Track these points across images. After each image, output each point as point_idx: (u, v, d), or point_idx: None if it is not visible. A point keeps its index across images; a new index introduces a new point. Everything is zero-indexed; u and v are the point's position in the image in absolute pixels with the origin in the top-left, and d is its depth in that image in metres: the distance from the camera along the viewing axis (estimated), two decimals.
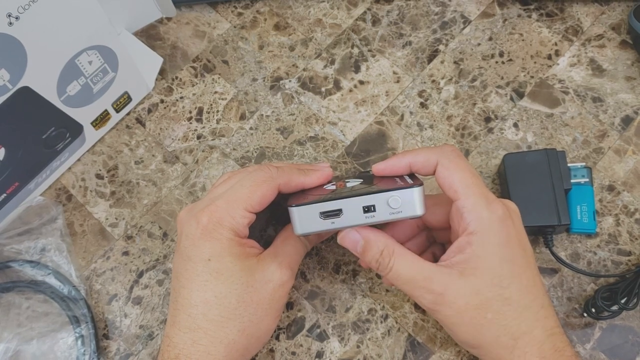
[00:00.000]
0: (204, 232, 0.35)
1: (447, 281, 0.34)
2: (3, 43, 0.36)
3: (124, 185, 0.48)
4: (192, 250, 0.36)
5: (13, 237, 0.45)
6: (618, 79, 0.48)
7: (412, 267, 0.35)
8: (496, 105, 0.48)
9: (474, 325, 0.34)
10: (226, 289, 0.35)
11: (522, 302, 0.34)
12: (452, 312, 0.34)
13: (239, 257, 0.36)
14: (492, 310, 0.33)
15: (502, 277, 0.33)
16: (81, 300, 0.43)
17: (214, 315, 0.35)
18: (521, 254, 0.34)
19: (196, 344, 0.34)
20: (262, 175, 0.37)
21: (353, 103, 0.49)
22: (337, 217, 0.35)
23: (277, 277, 0.37)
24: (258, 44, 0.52)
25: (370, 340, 0.42)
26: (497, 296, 0.33)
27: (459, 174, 0.34)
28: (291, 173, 0.38)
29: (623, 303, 0.40)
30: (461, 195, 0.34)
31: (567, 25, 0.51)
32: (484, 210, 0.33)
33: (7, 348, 0.42)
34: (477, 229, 0.33)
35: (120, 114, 0.49)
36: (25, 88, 0.39)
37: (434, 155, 0.36)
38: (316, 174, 0.39)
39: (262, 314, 0.36)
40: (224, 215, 0.36)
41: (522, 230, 0.35)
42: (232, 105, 0.50)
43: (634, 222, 0.44)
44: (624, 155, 0.46)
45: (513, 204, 0.36)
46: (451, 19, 0.52)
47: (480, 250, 0.33)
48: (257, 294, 0.36)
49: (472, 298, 0.33)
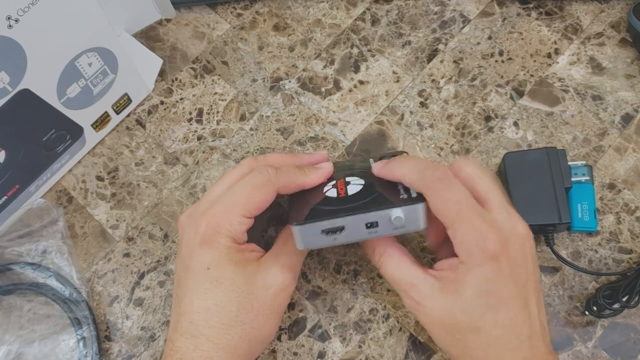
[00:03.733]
0: (203, 240, 0.35)
1: (427, 292, 0.34)
2: (3, 46, 0.36)
3: (124, 187, 0.48)
4: (191, 259, 0.36)
5: (14, 240, 0.45)
6: (618, 77, 0.48)
7: (398, 270, 0.36)
8: (496, 104, 0.48)
9: (444, 339, 0.35)
10: (226, 297, 0.35)
11: (493, 334, 0.33)
12: (426, 320, 0.35)
13: (238, 265, 0.35)
14: (460, 333, 0.33)
15: (477, 307, 0.33)
16: (82, 302, 0.43)
17: (215, 323, 0.35)
18: (509, 286, 0.33)
19: (198, 349, 0.34)
20: (261, 179, 0.36)
21: (353, 103, 0.49)
22: (340, 233, 0.35)
23: (279, 282, 0.36)
24: (257, 44, 0.52)
25: (372, 340, 0.42)
26: (467, 323, 0.33)
27: (444, 206, 0.33)
28: (290, 174, 0.38)
29: (624, 301, 0.40)
30: (449, 227, 0.33)
31: (567, 24, 0.51)
32: (472, 247, 0.33)
33: (9, 350, 0.42)
34: (464, 260, 0.33)
35: (120, 115, 0.49)
36: (25, 90, 0.39)
37: (417, 183, 0.34)
38: (316, 173, 0.38)
39: (264, 319, 0.36)
40: (222, 222, 0.35)
41: (521, 261, 0.34)
42: (232, 106, 0.50)
43: (635, 220, 0.44)
44: (625, 153, 0.46)
45: (521, 227, 0.34)
46: (450, 19, 0.52)
47: (462, 277, 0.33)
48: (258, 300, 0.35)
49: (444, 316, 0.34)
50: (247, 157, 0.42)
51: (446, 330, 0.34)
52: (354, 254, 0.44)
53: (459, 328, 0.33)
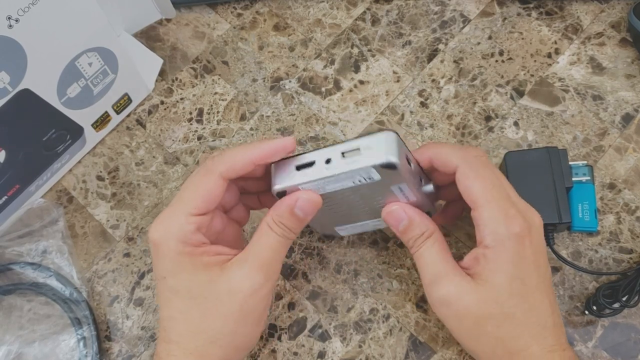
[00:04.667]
0: (155, 248, 0.34)
1: (456, 282, 0.34)
2: (3, 45, 0.36)
3: (124, 187, 0.48)
4: (153, 268, 0.35)
5: (14, 240, 0.45)
6: (618, 77, 0.48)
7: (434, 258, 0.35)
8: (496, 104, 0.48)
9: (472, 333, 0.34)
10: (186, 305, 0.34)
11: (523, 321, 0.33)
12: (451, 313, 0.34)
13: (194, 272, 0.33)
14: (492, 324, 0.33)
15: (509, 295, 0.33)
16: (83, 302, 0.43)
17: (182, 330, 0.34)
18: (533, 274, 0.34)
19: (170, 355, 0.34)
20: (200, 171, 0.34)
21: (353, 103, 0.49)
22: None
23: (247, 286, 0.33)
24: (258, 44, 0.52)
25: (372, 340, 0.42)
26: (499, 311, 0.33)
27: (478, 184, 0.33)
28: (234, 154, 0.34)
29: (624, 301, 0.40)
30: (478, 207, 0.33)
31: (567, 24, 0.51)
32: (500, 226, 0.33)
33: (9, 350, 0.42)
34: (491, 244, 0.33)
35: (120, 115, 0.49)
36: (25, 90, 0.39)
37: (455, 159, 0.34)
38: (268, 143, 0.34)
39: (234, 325, 0.34)
40: (169, 227, 0.33)
41: (540, 249, 0.34)
42: (232, 106, 0.50)
43: (635, 219, 0.44)
44: (625, 153, 0.46)
45: (537, 218, 0.35)
46: (451, 18, 0.52)
47: (492, 265, 0.33)
48: (223, 306, 0.33)
49: (474, 306, 0.33)
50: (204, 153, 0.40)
51: (476, 322, 0.34)
52: (354, 254, 0.44)
53: (491, 319, 0.33)
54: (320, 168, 0.33)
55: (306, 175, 0.34)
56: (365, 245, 0.44)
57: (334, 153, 0.33)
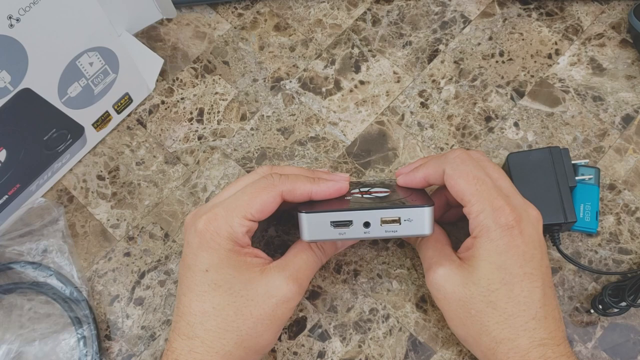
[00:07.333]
0: (202, 241, 0.35)
1: (446, 266, 0.36)
2: (4, 45, 0.36)
3: (125, 187, 0.48)
4: (191, 260, 0.36)
5: (15, 239, 0.45)
6: (618, 78, 0.48)
7: (430, 247, 0.38)
8: (496, 104, 0.48)
9: (459, 316, 0.36)
10: (224, 301, 0.35)
11: (508, 310, 0.34)
12: (441, 295, 0.36)
13: (238, 269, 0.35)
14: (475, 308, 0.35)
15: (492, 281, 0.34)
16: (83, 302, 0.43)
17: (211, 326, 0.35)
18: (522, 264, 0.34)
19: (192, 352, 0.34)
20: (264, 183, 0.36)
21: (353, 103, 0.49)
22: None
23: (282, 293, 0.35)
24: (258, 44, 0.52)
25: (372, 340, 0.42)
26: (482, 297, 0.34)
27: (462, 181, 0.35)
28: (297, 180, 0.37)
29: (630, 300, 0.40)
30: (466, 202, 0.35)
31: (567, 25, 0.51)
32: (486, 217, 0.34)
33: (9, 349, 0.42)
34: (478, 234, 0.35)
35: (121, 115, 0.49)
36: (26, 90, 0.39)
37: (441, 165, 0.36)
38: (327, 184, 0.37)
39: (263, 328, 0.35)
40: (222, 224, 0.35)
41: (533, 240, 0.35)
42: (232, 106, 0.50)
43: (635, 220, 0.44)
44: (625, 154, 0.46)
45: (534, 211, 0.36)
46: (451, 19, 0.52)
47: (478, 252, 0.35)
48: (257, 308, 0.35)
49: (459, 289, 0.35)
50: (263, 165, 0.42)
51: (461, 305, 0.35)
52: (354, 254, 0.44)
53: (473, 302, 0.34)
54: (357, 230, 0.35)
55: (343, 234, 0.35)
56: (365, 245, 0.45)
57: (373, 218, 0.35)
